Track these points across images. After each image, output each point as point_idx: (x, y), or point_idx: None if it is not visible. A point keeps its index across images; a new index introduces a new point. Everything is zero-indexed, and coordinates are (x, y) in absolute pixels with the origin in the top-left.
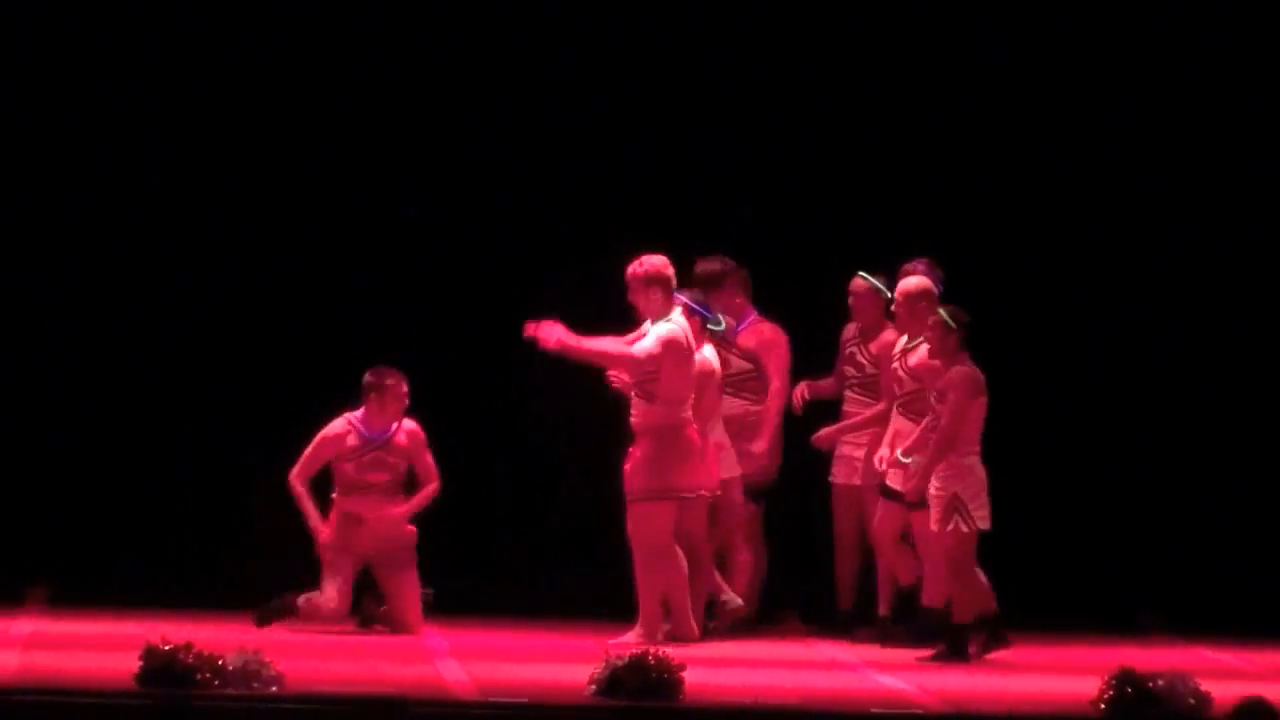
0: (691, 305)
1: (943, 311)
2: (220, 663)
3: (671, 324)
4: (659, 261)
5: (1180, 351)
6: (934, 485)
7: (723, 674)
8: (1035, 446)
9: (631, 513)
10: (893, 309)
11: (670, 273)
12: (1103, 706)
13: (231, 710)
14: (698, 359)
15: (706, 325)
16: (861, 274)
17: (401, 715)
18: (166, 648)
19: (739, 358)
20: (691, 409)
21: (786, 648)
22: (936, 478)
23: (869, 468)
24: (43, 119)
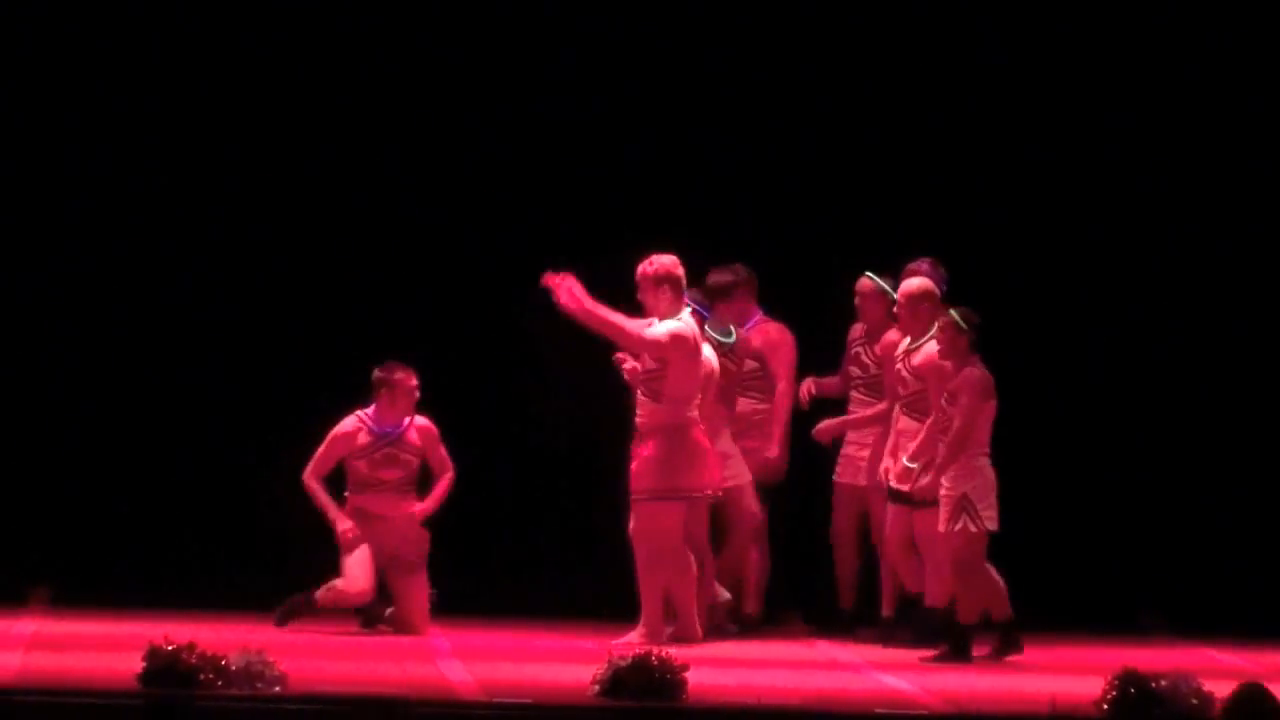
0: (694, 306)
1: (954, 313)
2: (223, 663)
3: (681, 322)
4: (669, 261)
5: (1180, 351)
6: (943, 485)
7: (725, 674)
8: (1035, 447)
9: (636, 512)
10: (894, 310)
11: (680, 272)
12: (1105, 707)
13: (234, 710)
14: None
15: (709, 330)
16: (868, 274)
17: (404, 716)
18: (169, 648)
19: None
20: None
21: (789, 648)
22: (946, 478)
23: (873, 468)
24: (44, 119)
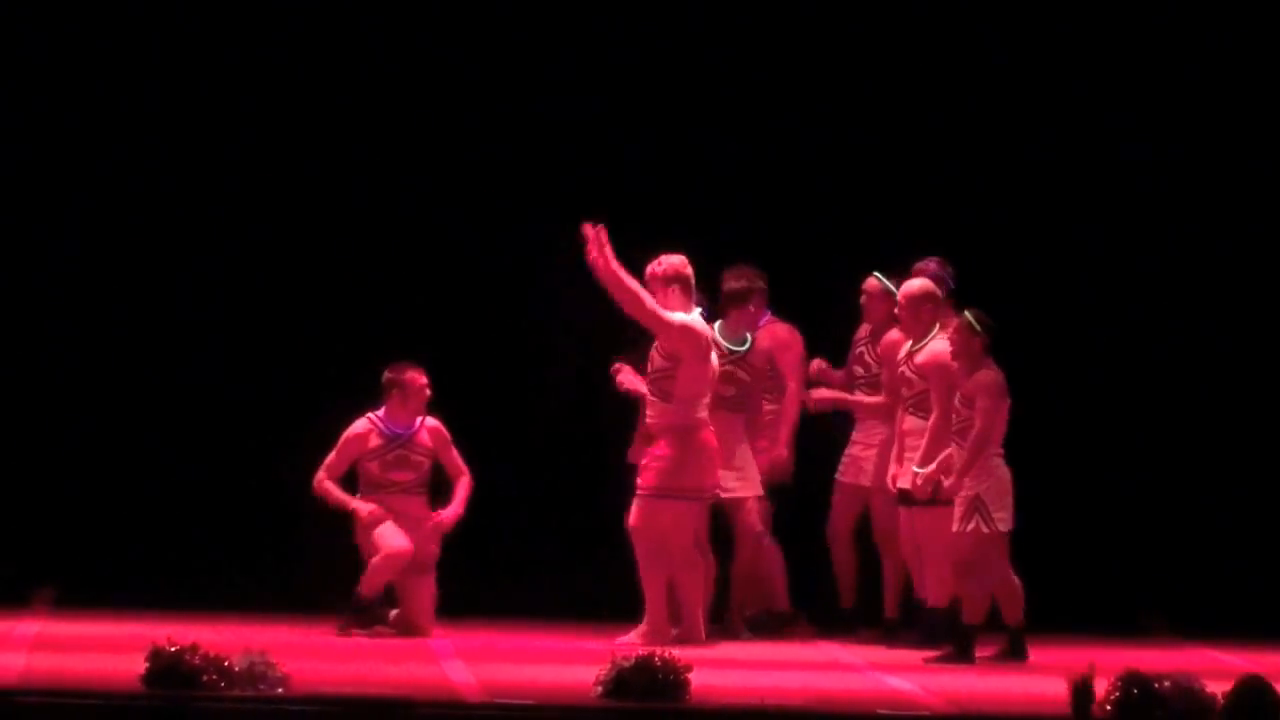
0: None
1: (968, 314)
2: (226, 664)
3: (693, 319)
4: (678, 260)
5: (1180, 351)
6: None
7: (729, 675)
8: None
9: (639, 506)
10: (895, 311)
11: (689, 272)
12: (1109, 708)
13: (237, 712)
14: None
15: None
16: (876, 274)
17: (407, 717)
18: (172, 649)
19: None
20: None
21: (792, 649)
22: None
23: (879, 470)
24: (46, 118)
